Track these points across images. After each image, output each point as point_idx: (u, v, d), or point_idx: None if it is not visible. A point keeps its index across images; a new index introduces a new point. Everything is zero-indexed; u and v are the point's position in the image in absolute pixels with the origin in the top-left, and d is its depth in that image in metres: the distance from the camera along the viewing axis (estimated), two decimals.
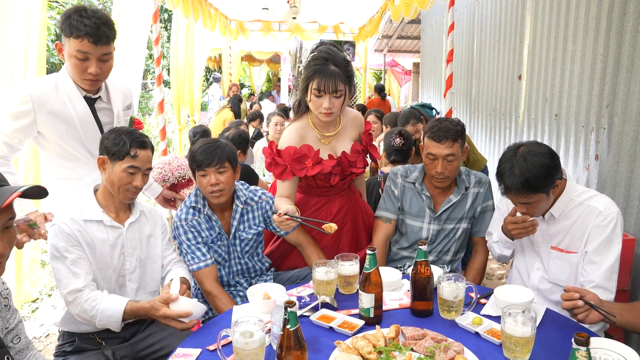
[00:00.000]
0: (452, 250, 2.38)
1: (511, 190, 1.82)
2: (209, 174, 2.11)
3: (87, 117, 2.21)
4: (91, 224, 1.91)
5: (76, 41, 2.01)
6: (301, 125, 2.29)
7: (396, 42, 12.44)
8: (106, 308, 1.79)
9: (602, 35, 3.05)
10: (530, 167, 1.77)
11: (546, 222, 1.99)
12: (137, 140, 1.91)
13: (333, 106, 2.13)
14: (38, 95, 2.10)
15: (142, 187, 1.96)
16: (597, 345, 1.44)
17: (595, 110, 3.15)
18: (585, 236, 1.89)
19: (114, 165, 1.89)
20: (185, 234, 2.17)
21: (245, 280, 2.32)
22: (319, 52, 2.14)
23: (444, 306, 1.73)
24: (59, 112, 2.14)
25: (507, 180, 1.81)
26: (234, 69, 12.17)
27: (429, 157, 2.23)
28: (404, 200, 2.39)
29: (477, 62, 5.70)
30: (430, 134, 2.21)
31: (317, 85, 2.10)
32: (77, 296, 1.80)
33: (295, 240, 2.34)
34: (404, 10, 5.82)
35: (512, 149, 1.87)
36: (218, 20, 8.17)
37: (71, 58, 2.06)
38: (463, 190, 2.30)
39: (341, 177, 2.33)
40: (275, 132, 5.32)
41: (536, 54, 4.08)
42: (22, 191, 1.19)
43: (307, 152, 2.24)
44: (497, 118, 5.05)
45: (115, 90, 2.33)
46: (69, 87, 2.16)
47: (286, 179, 2.24)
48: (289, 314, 1.30)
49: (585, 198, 1.92)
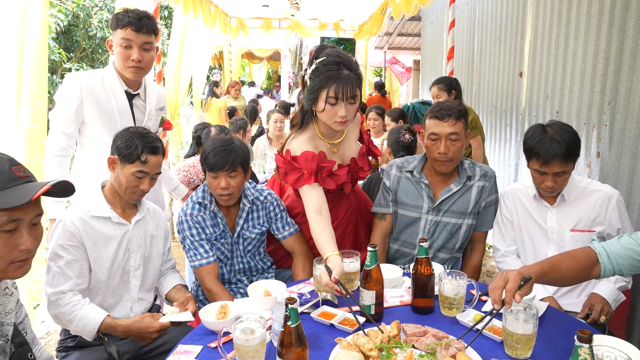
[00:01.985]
0: (455, 247, 2.29)
1: (554, 158, 1.94)
2: (220, 177, 2.10)
3: (125, 111, 2.44)
4: (98, 220, 1.93)
5: (121, 31, 2.31)
6: (309, 136, 2.12)
7: (397, 40, 12.42)
8: (83, 316, 1.81)
9: (604, 31, 3.04)
10: (570, 135, 1.96)
11: (556, 208, 2.11)
12: (149, 146, 1.91)
13: (349, 113, 1.98)
14: (86, 85, 2.35)
15: (148, 191, 1.98)
16: (598, 342, 1.44)
17: (596, 108, 3.14)
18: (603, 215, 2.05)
19: (123, 167, 1.90)
20: (190, 230, 2.16)
21: (247, 277, 2.32)
22: (329, 57, 1.95)
23: (445, 303, 1.72)
24: (102, 103, 2.38)
25: (550, 148, 1.94)
26: (234, 66, 12.14)
27: (432, 137, 2.18)
28: (398, 191, 2.33)
29: (477, 59, 5.68)
30: (432, 113, 2.19)
31: (334, 92, 1.91)
32: (59, 297, 1.82)
33: (291, 247, 2.32)
34: (405, 7, 5.80)
35: (538, 127, 2.03)
36: (218, 18, 8.15)
37: (117, 47, 2.34)
38: (465, 180, 2.23)
39: (352, 184, 2.30)
40: (275, 129, 5.31)
41: (537, 51, 4.07)
42: (51, 184, 1.19)
43: (325, 161, 2.09)
44: (498, 115, 5.04)
45: (151, 91, 2.58)
46: (113, 81, 2.41)
47: (305, 184, 2.05)
48: (290, 311, 1.30)
49: (586, 184, 2.11)
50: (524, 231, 2.19)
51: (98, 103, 2.37)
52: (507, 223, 2.24)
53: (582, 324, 1.72)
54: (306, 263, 2.25)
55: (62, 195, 1.28)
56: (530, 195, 2.18)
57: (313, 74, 1.97)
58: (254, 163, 4.73)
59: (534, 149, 1.99)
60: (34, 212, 1.23)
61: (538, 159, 1.98)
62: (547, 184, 2.01)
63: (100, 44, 10.88)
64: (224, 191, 2.10)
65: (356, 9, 8.62)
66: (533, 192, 2.17)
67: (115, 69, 2.43)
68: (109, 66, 2.45)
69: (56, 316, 1.84)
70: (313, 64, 1.99)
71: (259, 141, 5.44)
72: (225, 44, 11.08)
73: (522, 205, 2.20)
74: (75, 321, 1.80)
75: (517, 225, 2.22)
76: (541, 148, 1.96)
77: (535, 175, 2.05)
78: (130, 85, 2.46)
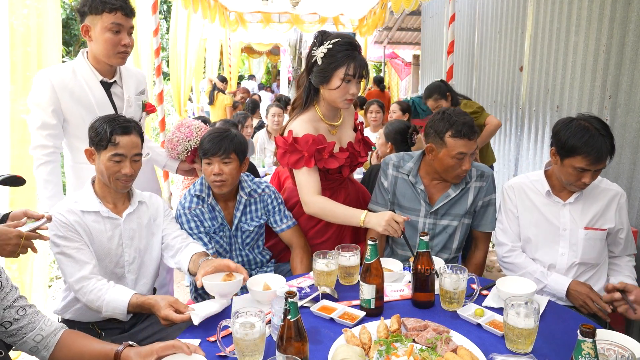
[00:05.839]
0: (453, 247, 2.26)
1: (602, 156, 1.87)
2: (213, 163, 2.10)
3: (104, 101, 2.30)
4: (89, 214, 1.88)
5: (110, 15, 2.15)
6: (310, 117, 2.18)
7: (396, 34, 12.38)
8: (111, 300, 1.76)
9: (606, 25, 3.02)
10: (608, 127, 1.92)
11: (570, 204, 2.06)
12: (118, 127, 1.85)
13: (357, 92, 2.11)
14: (58, 81, 2.20)
15: (132, 175, 1.91)
16: (599, 337, 1.43)
17: (597, 102, 3.13)
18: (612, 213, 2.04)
19: (100, 155, 1.86)
20: (188, 223, 2.16)
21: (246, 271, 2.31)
22: (343, 39, 2.07)
23: (445, 297, 1.72)
24: (78, 97, 2.24)
25: (603, 145, 1.86)
26: (234, 60, 12.13)
27: (458, 156, 2.05)
28: (396, 192, 2.28)
29: (478, 53, 5.66)
30: (457, 132, 2.04)
31: (352, 70, 2.04)
32: (82, 285, 1.78)
33: (288, 240, 2.31)
34: (405, 1, 5.77)
35: (575, 122, 1.93)
36: (217, 12, 8.11)
37: (105, 33, 2.17)
38: (463, 185, 2.19)
39: (350, 168, 2.31)
40: (274, 123, 5.28)
41: (538, 45, 4.05)
42: None
43: (324, 142, 2.15)
44: (498, 110, 5.02)
45: (128, 76, 2.42)
46: (86, 73, 2.26)
47: (305, 166, 2.10)
48: (290, 305, 1.29)
49: (597, 181, 2.05)
50: (531, 227, 2.12)
51: (74, 97, 2.23)
52: (512, 217, 2.17)
53: (584, 319, 1.71)
54: (304, 256, 2.24)
55: (16, 185, 1.27)
56: (538, 191, 2.11)
57: (329, 52, 2.06)
58: (255, 157, 4.71)
59: (583, 148, 1.86)
60: None
61: (587, 157, 1.86)
62: (585, 180, 1.92)
63: None
64: (217, 177, 2.09)
65: (356, 3, 8.58)
66: (544, 187, 2.09)
67: (87, 59, 2.28)
68: (79, 58, 2.30)
69: (86, 304, 1.80)
70: (323, 45, 2.07)
71: (258, 135, 5.42)
72: (225, 38, 11.05)
73: (530, 200, 2.13)
74: (104, 307, 1.76)
75: (522, 221, 2.15)
76: (593, 146, 1.85)
77: (573, 172, 1.92)
78: (106, 74, 2.31)
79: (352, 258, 1.90)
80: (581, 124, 1.90)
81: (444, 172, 2.13)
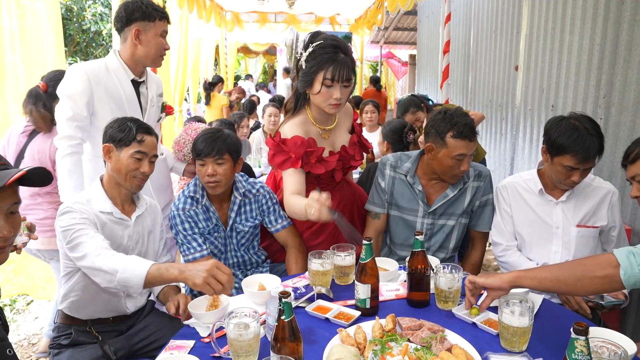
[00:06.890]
0: (450, 247, 2.27)
1: (590, 155, 1.88)
2: (207, 164, 2.10)
3: (132, 99, 2.41)
4: (102, 214, 1.86)
5: (161, 22, 2.36)
6: (301, 120, 2.15)
7: (392, 34, 12.39)
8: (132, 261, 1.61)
9: (600, 25, 3.03)
10: (598, 126, 1.92)
11: (562, 203, 2.08)
12: (142, 127, 1.90)
13: (343, 96, 2.02)
14: (94, 74, 2.29)
15: (149, 174, 1.92)
16: (592, 334, 1.43)
17: (592, 101, 3.14)
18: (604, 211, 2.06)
19: (120, 151, 1.86)
20: (182, 224, 2.15)
21: (241, 272, 2.31)
22: (326, 41, 1.99)
23: (440, 297, 1.72)
24: (110, 91, 2.33)
25: (592, 143, 1.87)
26: (230, 60, 12.09)
27: (458, 157, 2.05)
28: (394, 192, 2.28)
29: (473, 53, 5.68)
30: (458, 133, 2.02)
31: (330, 74, 1.95)
32: (101, 252, 1.64)
33: (283, 240, 2.30)
34: (400, 1, 5.78)
35: (564, 121, 1.94)
36: (213, 12, 8.09)
37: (157, 37, 2.36)
38: (461, 185, 2.19)
39: (343, 172, 2.29)
40: (270, 123, 5.27)
41: (533, 45, 4.06)
42: (26, 170, 1.16)
43: (313, 146, 2.12)
44: (493, 109, 5.04)
45: (151, 78, 2.56)
46: (119, 70, 2.36)
47: (291, 167, 2.06)
48: (284, 305, 1.29)
49: (589, 180, 2.08)
50: (525, 226, 2.14)
51: (107, 92, 2.32)
52: (506, 217, 2.18)
53: (578, 317, 1.72)
54: (299, 256, 2.24)
55: (40, 184, 1.25)
56: (531, 190, 2.12)
57: (310, 56, 2.00)
58: (251, 157, 4.71)
59: (571, 146, 1.87)
60: (11, 200, 1.21)
61: (576, 156, 1.87)
62: (575, 178, 1.93)
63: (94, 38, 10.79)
64: (211, 178, 2.09)
65: (352, 3, 8.58)
66: (537, 186, 2.11)
67: (119, 57, 2.37)
68: (111, 55, 2.39)
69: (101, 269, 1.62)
70: (309, 47, 2.02)
71: (254, 135, 5.41)
72: (221, 38, 11.02)
73: (523, 199, 2.14)
74: (122, 269, 1.58)
75: (516, 220, 2.17)
76: (581, 144, 1.86)
77: (562, 170, 1.94)
78: (137, 74, 2.42)
79: (347, 258, 1.90)
80: (571, 123, 1.91)
81: (442, 172, 2.13)
